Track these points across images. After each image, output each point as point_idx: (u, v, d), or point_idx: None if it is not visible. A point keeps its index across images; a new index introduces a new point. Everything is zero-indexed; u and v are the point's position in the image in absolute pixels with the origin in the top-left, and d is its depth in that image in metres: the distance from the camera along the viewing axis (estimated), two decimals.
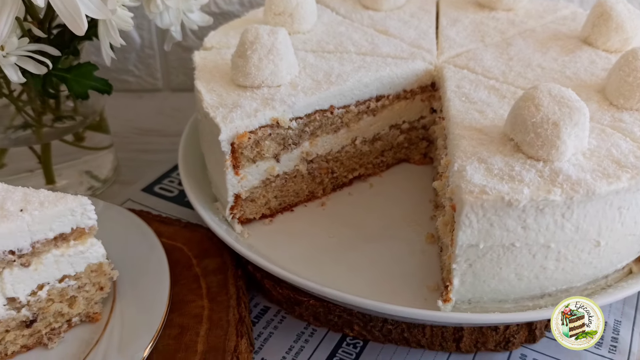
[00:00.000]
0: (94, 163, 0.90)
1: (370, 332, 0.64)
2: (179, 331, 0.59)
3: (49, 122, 0.84)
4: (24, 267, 0.51)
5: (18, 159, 0.85)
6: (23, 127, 0.84)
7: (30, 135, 0.84)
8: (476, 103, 0.63)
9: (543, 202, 0.49)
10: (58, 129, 0.84)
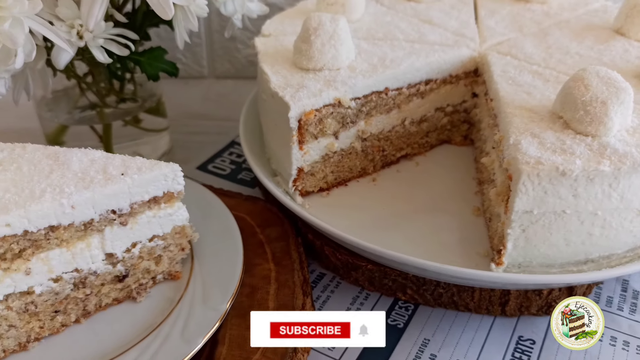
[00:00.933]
0: (151, 144, 0.94)
1: (422, 295, 0.67)
2: (250, 290, 0.63)
3: (113, 103, 0.88)
4: (122, 226, 0.55)
5: (78, 137, 0.89)
6: (88, 108, 0.88)
7: (93, 115, 0.88)
8: (522, 85, 0.66)
9: (593, 172, 0.52)
10: (120, 111, 0.88)
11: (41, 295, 0.53)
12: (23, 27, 0.55)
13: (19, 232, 0.49)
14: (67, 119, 0.88)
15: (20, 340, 0.54)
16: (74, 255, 0.53)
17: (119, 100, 0.88)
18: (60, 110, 0.88)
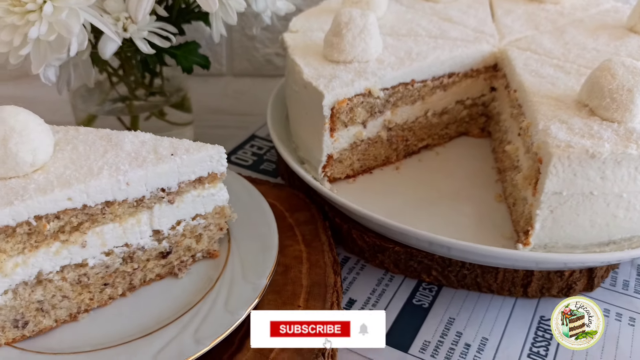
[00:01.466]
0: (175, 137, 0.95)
1: (446, 277, 0.69)
2: (284, 269, 0.65)
3: (143, 96, 0.90)
4: (170, 204, 0.57)
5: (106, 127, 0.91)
6: (118, 100, 0.90)
7: (122, 107, 0.90)
8: (546, 77, 0.68)
9: (621, 155, 0.54)
10: (148, 104, 0.90)
11: (93, 267, 0.55)
12: (78, 18, 0.57)
13: (79, 206, 0.51)
14: (98, 110, 0.90)
15: (71, 311, 0.56)
16: (125, 231, 0.55)
17: (148, 93, 0.90)
18: (93, 101, 0.90)
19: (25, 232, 0.49)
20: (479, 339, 0.64)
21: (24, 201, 0.47)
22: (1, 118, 0.48)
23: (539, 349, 0.64)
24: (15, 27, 0.58)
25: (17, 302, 0.52)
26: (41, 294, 0.53)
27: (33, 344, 0.54)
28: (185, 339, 0.52)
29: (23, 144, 0.48)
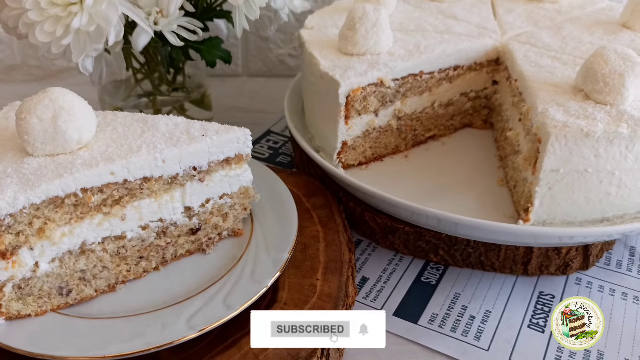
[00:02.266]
0: None
1: (452, 256, 0.73)
2: (302, 247, 0.68)
3: (167, 91, 0.94)
4: (200, 182, 0.61)
5: None
6: (143, 95, 0.94)
7: (146, 102, 0.94)
8: (544, 67, 0.72)
9: (613, 134, 0.58)
10: (170, 99, 0.94)
11: (131, 240, 0.59)
12: (117, 9, 0.62)
13: (120, 181, 0.55)
14: (123, 105, 0.95)
15: (109, 281, 0.60)
16: (160, 206, 0.59)
17: (171, 89, 0.94)
18: (119, 96, 0.95)
19: (72, 204, 0.53)
20: (482, 312, 0.68)
21: (72, 174, 0.52)
22: (51, 98, 0.52)
23: (538, 320, 0.67)
24: (58, 18, 0.62)
25: (62, 270, 0.56)
26: (84, 264, 0.57)
27: (75, 310, 0.58)
28: (216, 305, 0.56)
29: (71, 122, 0.53)
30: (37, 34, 0.62)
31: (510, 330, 0.66)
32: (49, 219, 0.52)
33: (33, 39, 0.63)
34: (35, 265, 0.54)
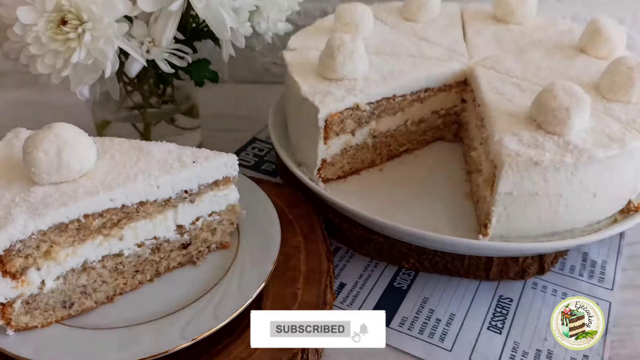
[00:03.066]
0: (183, 141, 1.04)
1: (422, 263, 0.79)
2: (285, 257, 0.73)
3: (156, 104, 0.98)
4: (191, 203, 0.66)
5: (117, 133, 0.99)
6: (134, 108, 0.98)
7: (137, 114, 0.98)
8: (505, 95, 0.78)
9: (559, 163, 0.64)
10: (160, 111, 0.98)
11: (128, 257, 0.64)
12: (113, 45, 0.66)
13: (119, 206, 0.60)
14: (114, 117, 0.98)
15: (108, 294, 0.65)
16: (154, 226, 0.64)
17: (161, 102, 0.98)
18: (110, 108, 0.98)
19: (76, 228, 0.58)
20: (447, 315, 0.74)
21: (75, 202, 0.57)
22: (55, 134, 0.57)
23: (496, 322, 0.74)
24: (58, 52, 0.67)
25: (66, 286, 0.61)
26: (85, 279, 0.62)
27: (77, 321, 0.63)
28: (206, 316, 0.62)
29: (73, 155, 0.57)
30: (38, 66, 0.66)
31: (472, 332, 0.72)
32: (54, 243, 0.57)
33: (34, 70, 0.67)
34: (42, 283, 0.59)
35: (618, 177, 0.70)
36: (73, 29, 0.66)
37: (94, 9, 0.65)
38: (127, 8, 0.67)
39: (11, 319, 0.58)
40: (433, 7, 1.01)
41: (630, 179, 0.72)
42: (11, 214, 0.54)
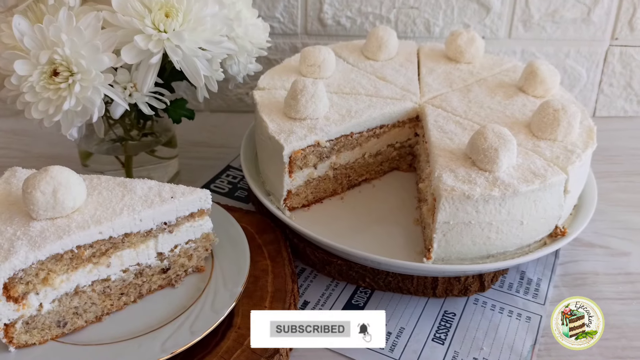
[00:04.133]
0: (162, 169, 1.14)
1: (376, 282, 0.90)
2: (254, 279, 0.84)
3: (137, 136, 1.08)
4: (170, 233, 0.76)
5: (99, 162, 1.09)
6: (116, 140, 1.08)
7: (118, 146, 1.08)
8: (447, 133, 0.90)
9: (487, 196, 0.77)
10: (142, 143, 1.08)
11: (114, 281, 0.74)
12: (100, 93, 0.76)
13: (107, 237, 0.70)
14: (97, 149, 1.08)
15: (97, 314, 0.75)
16: (138, 254, 0.75)
17: (141, 134, 1.08)
18: (93, 141, 1.08)
19: (69, 257, 0.68)
20: (398, 328, 0.85)
21: (69, 236, 0.67)
22: (51, 176, 0.67)
23: (440, 334, 0.84)
24: (50, 100, 0.77)
25: (60, 308, 0.71)
26: (77, 302, 0.72)
27: (69, 338, 0.73)
28: (184, 331, 0.72)
29: (67, 194, 0.67)
30: (32, 112, 0.76)
31: (418, 343, 0.83)
32: (51, 270, 0.67)
33: (29, 115, 0.77)
34: (40, 305, 0.68)
35: (542, 207, 0.82)
36: (64, 79, 0.76)
37: (83, 62, 0.75)
38: (112, 61, 0.77)
39: (13, 337, 0.68)
40: (391, 46, 1.13)
41: (554, 208, 0.84)
42: (14, 247, 0.64)
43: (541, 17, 1.31)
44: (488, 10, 1.30)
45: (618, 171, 1.26)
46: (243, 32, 0.94)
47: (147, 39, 0.78)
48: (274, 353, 0.73)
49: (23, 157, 1.21)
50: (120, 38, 0.78)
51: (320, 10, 1.30)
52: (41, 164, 0.74)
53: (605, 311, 0.87)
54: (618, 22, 1.33)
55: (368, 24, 1.31)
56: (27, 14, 0.79)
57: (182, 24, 0.80)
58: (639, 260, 1.00)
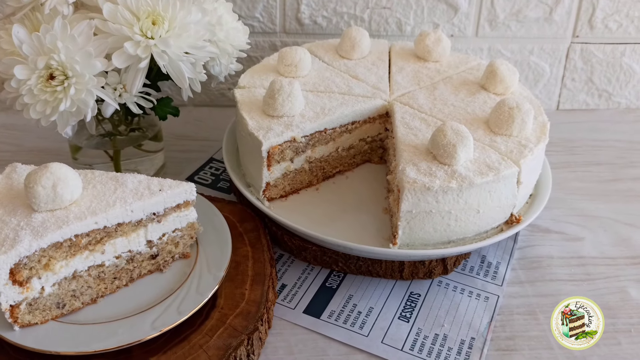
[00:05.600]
0: (149, 162, 1.21)
1: (348, 267, 0.99)
2: (235, 264, 0.92)
3: (125, 132, 1.16)
4: (158, 223, 0.85)
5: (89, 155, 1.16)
6: (105, 135, 1.15)
7: (107, 141, 1.15)
8: (413, 129, 1.00)
9: (446, 187, 0.86)
10: (129, 138, 1.15)
11: (108, 267, 0.82)
12: (93, 95, 0.84)
13: (101, 227, 0.78)
14: (87, 144, 1.15)
15: (92, 296, 0.83)
16: (129, 242, 0.83)
17: (128, 129, 1.16)
18: (83, 136, 1.15)
19: (68, 245, 0.76)
20: (367, 308, 0.94)
21: (68, 226, 0.75)
22: (51, 172, 0.75)
23: (406, 313, 0.94)
24: (47, 101, 0.84)
25: (60, 291, 0.79)
26: (75, 285, 0.80)
27: (68, 319, 0.81)
28: (171, 312, 0.80)
29: (66, 188, 0.75)
30: (30, 112, 0.84)
31: (385, 321, 0.92)
32: (52, 257, 0.75)
33: (27, 115, 0.85)
34: (41, 289, 0.77)
35: (496, 197, 0.92)
36: (60, 83, 0.83)
37: (77, 67, 0.83)
38: (104, 65, 0.85)
39: (18, 317, 0.76)
40: (364, 46, 1.22)
41: (508, 198, 0.94)
42: (19, 236, 0.72)
43: (506, 17, 1.41)
44: (456, 10, 1.39)
45: (577, 161, 1.36)
46: (224, 35, 1.01)
47: (135, 45, 0.86)
48: (254, 330, 0.82)
49: (15, 150, 1.27)
50: (111, 44, 0.86)
51: (298, 10, 1.38)
52: (33, 157, 0.82)
53: (557, 291, 0.98)
54: (578, 21, 1.43)
55: (343, 23, 1.39)
56: (24, 22, 0.86)
57: (167, 31, 0.87)
58: (591, 245, 1.10)
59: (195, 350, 0.78)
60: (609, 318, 0.88)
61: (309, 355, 0.86)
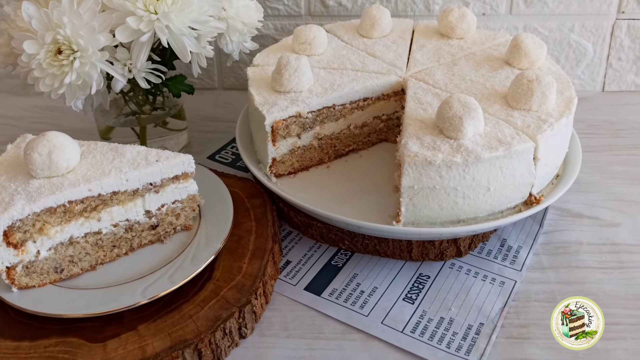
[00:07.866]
0: (174, 140, 1.21)
1: (355, 245, 0.94)
2: (237, 238, 0.89)
3: (148, 111, 1.16)
4: (156, 193, 0.83)
5: (121, 134, 1.17)
6: (130, 114, 1.15)
7: (133, 119, 1.15)
8: (423, 104, 0.92)
9: (450, 162, 0.79)
10: (153, 116, 1.16)
11: (106, 234, 0.81)
12: (96, 69, 0.83)
13: (96, 195, 0.77)
14: (115, 122, 1.16)
15: (91, 263, 0.82)
16: (126, 210, 0.81)
17: (152, 109, 1.16)
18: (110, 115, 1.16)
19: (62, 211, 0.76)
20: (371, 288, 0.88)
21: (61, 192, 0.74)
22: (47, 139, 0.74)
23: (412, 295, 0.87)
24: (55, 75, 0.84)
25: (56, 255, 0.79)
26: (72, 251, 0.80)
27: (66, 283, 0.80)
28: (163, 281, 0.78)
29: (61, 156, 0.75)
30: (40, 85, 0.84)
31: (389, 302, 0.86)
32: (46, 222, 0.75)
33: (37, 89, 0.85)
34: (37, 252, 0.76)
35: (509, 174, 0.83)
36: (67, 57, 0.83)
37: (81, 41, 0.82)
38: (108, 40, 0.84)
39: (15, 279, 0.76)
40: (384, 24, 1.15)
41: (523, 176, 0.85)
42: (13, 200, 0.72)
43: None
44: None
45: (621, 144, 1.23)
46: (234, 12, 0.98)
47: (138, 20, 0.84)
48: (246, 303, 0.78)
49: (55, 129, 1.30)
50: (115, 20, 0.84)
51: None
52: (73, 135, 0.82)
53: (583, 279, 0.88)
54: None
55: (369, 4, 1.32)
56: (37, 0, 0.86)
57: (170, 6, 0.85)
58: (628, 231, 0.99)
59: (184, 319, 0.76)
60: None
61: (304, 332, 0.82)
